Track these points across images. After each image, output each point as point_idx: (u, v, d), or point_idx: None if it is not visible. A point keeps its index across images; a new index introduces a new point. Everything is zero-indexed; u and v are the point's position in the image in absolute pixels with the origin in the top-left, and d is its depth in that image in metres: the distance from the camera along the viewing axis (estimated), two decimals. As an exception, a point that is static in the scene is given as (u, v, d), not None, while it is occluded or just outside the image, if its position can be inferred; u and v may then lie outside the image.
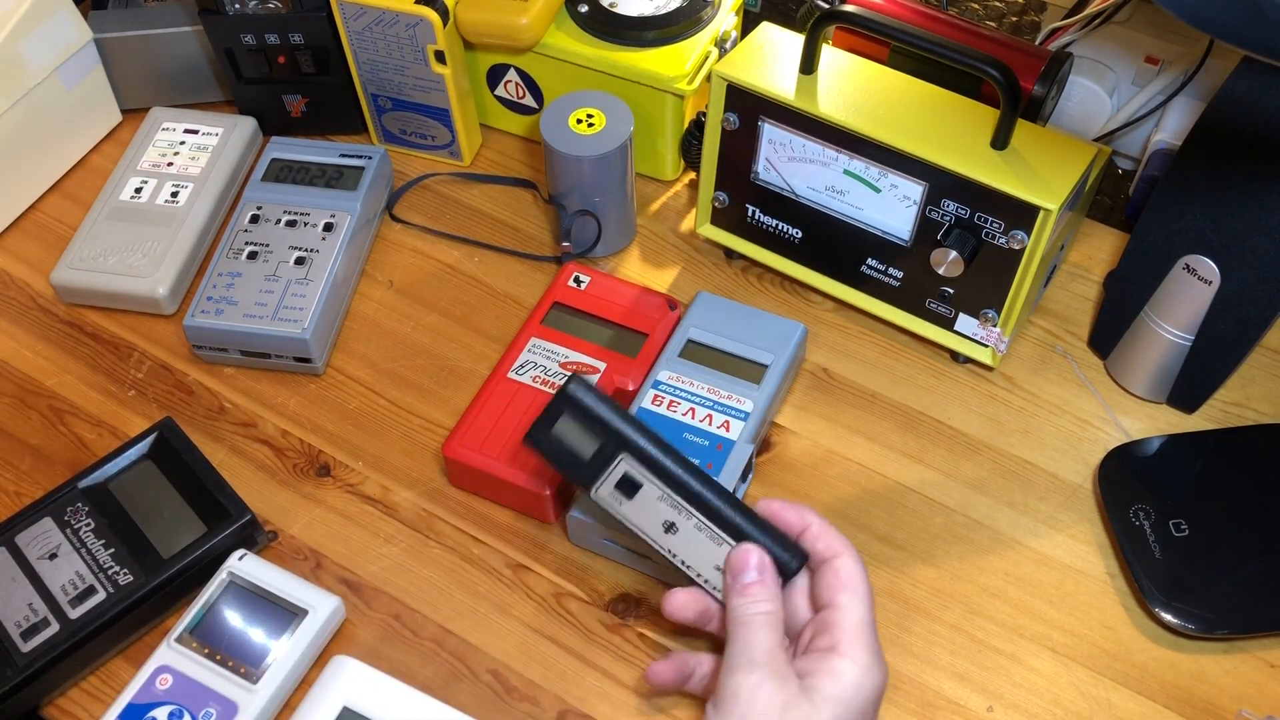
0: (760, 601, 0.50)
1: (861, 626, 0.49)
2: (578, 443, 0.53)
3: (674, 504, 0.52)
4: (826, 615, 0.49)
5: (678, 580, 0.60)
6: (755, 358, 0.66)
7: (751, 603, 0.50)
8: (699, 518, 0.52)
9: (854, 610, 0.49)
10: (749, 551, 0.51)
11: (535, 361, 0.66)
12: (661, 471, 0.52)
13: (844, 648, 0.48)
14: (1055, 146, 0.62)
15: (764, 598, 0.50)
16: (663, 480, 0.52)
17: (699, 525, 0.52)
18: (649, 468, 0.52)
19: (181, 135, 0.79)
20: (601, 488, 0.53)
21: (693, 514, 0.52)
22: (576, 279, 0.70)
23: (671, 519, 0.52)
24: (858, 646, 0.48)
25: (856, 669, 0.47)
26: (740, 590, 0.50)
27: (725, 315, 0.68)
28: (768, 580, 0.50)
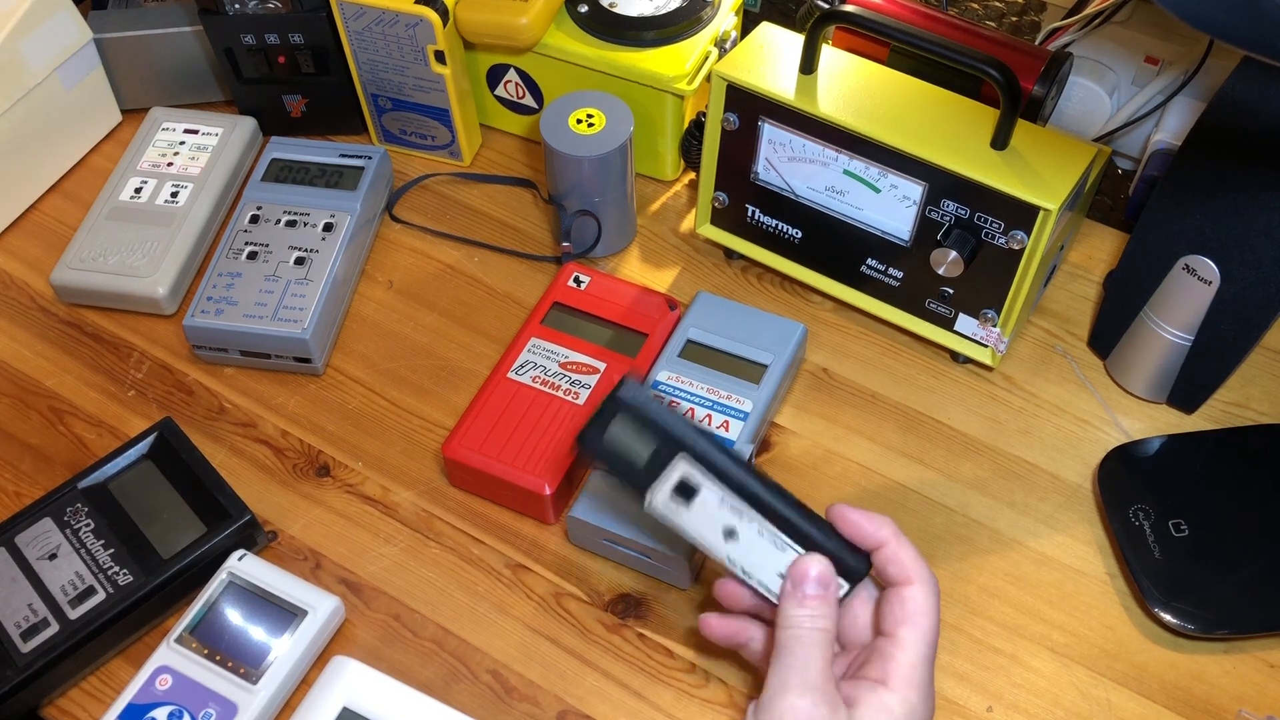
0: (820, 618, 0.48)
1: (918, 664, 0.47)
2: (632, 446, 0.49)
3: (735, 508, 0.49)
4: (884, 645, 0.48)
5: (678, 582, 0.61)
6: (755, 358, 0.66)
7: (811, 616, 0.48)
8: (761, 521, 0.49)
9: (913, 647, 0.47)
10: (814, 561, 0.49)
11: (535, 362, 0.66)
12: (722, 473, 0.49)
13: (894, 683, 0.46)
14: (1055, 146, 0.62)
15: (824, 614, 0.48)
16: (724, 483, 0.49)
17: (760, 530, 0.49)
18: (709, 470, 0.49)
19: (181, 135, 0.79)
20: (657, 494, 0.50)
21: (755, 517, 0.49)
22: (576, 279, 0.70)
23: (732, 524, 0.50)
24: (909, 685, 0.47)
25: (904, 708, 0.46)
26: (800, 600, 0.48)
27: (725, 315, 0.68)
28: (829, 596, 0.48)
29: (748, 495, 0.49)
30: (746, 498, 0.49)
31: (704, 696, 0.58)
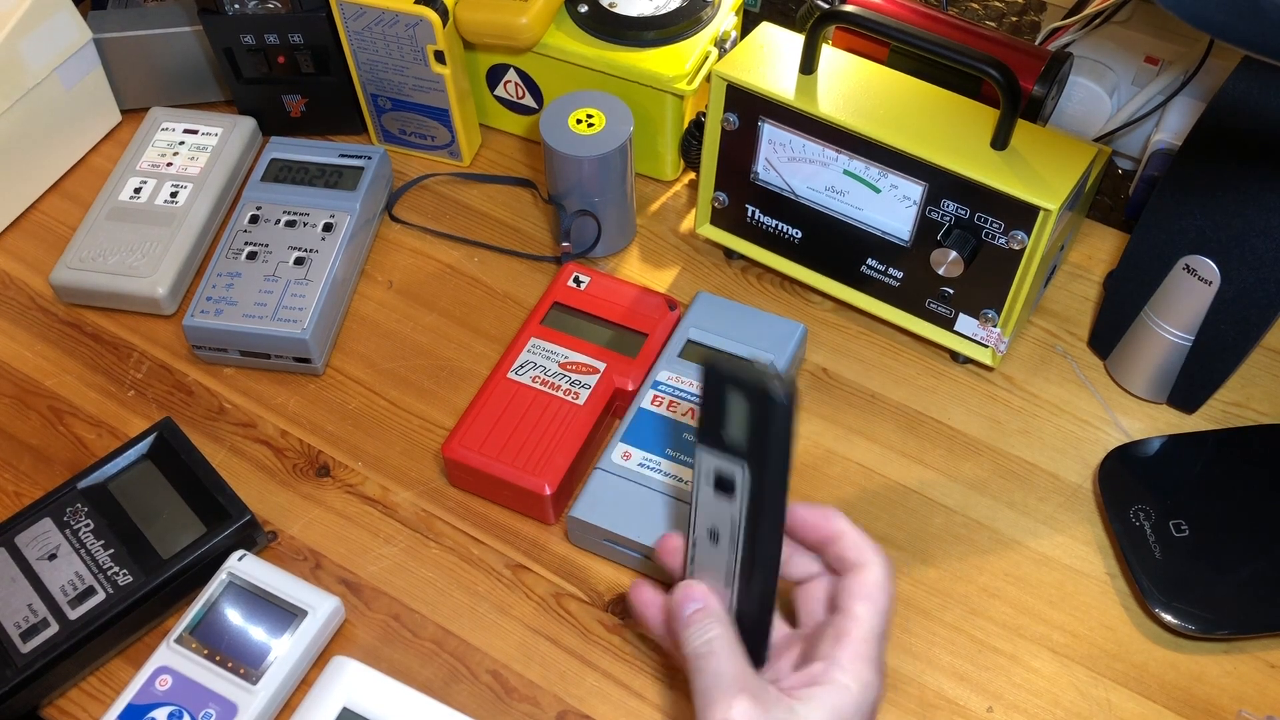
0: (708, 628, 0.48)
1: (870, 639, 0.48)
2: (733, 416, 0.47)
3: (733, 530, 0.49)
4: (839, 622, 0.48)
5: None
6: (755, 358, 0.66)
7: (699, 631, 0.48)
8: (737, 553, 0.49)
9: (867, 622, 0.48)
10: (691, 586, 0.50)
11: (535, 362, 0.66)
12: (755, 511, 0.48)
13: (847, 661, 0.47)
14: (1055, 146, 0.62)
15: (710, 622, 0.48)
16: (751, 517, 0.48)
17: (730, 558, 0.49)
18: (753, 500, 0.48)
19: (181, 135, 0.79)
20: (705, 460, 0.49)
21: (738, 548, 0.49)
22: (576, 279, 0.70)
23: (720, 532, 0.50)
24: (862, 661, 0.47)
25: (856, 684, 0.46)
26: (685, 622, 0.49)
27: (725, 315, 0.68)
28: (711, 606, 0.49)
29: (750, 539, 0.49)
30: (747, 539, 0.49)
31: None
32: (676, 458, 0.62)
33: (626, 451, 0.62)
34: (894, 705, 0.57)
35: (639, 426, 0.63)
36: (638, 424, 0.63)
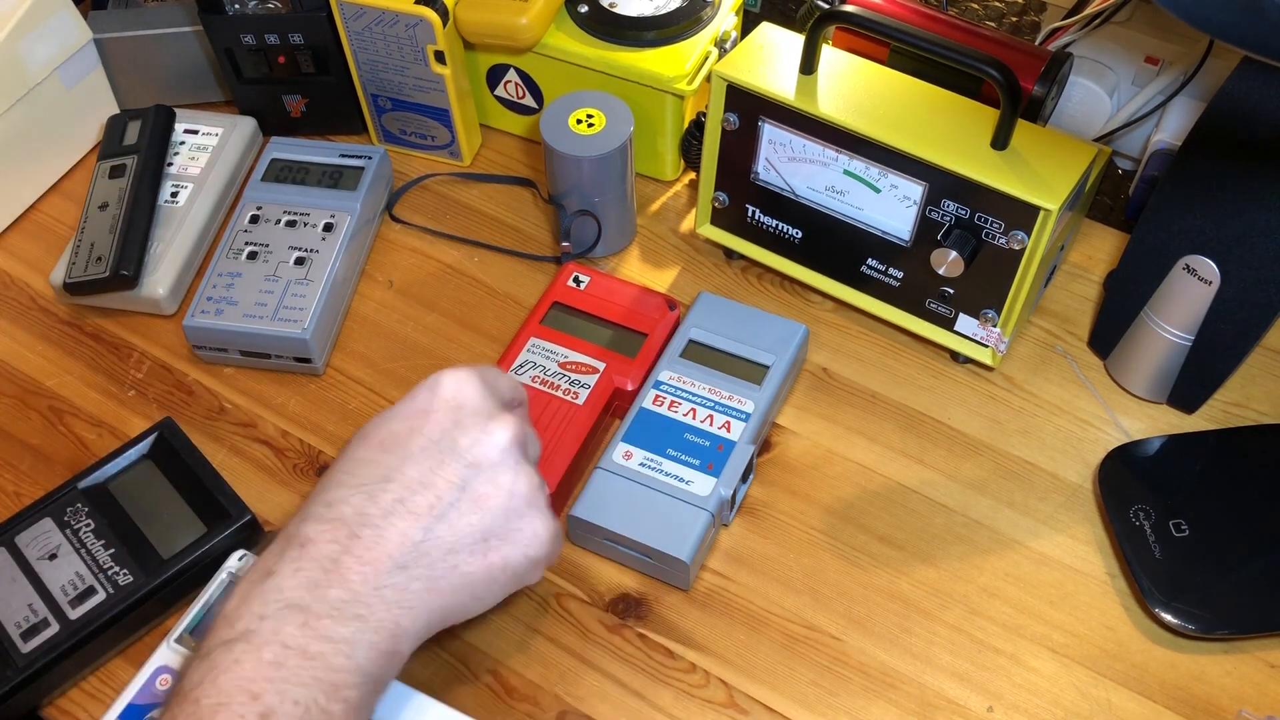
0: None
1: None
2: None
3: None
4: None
5: (678, 582, 0.61)
6: (756, 358, 0.66)
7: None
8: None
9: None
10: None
11: (534, 361, 0.66)
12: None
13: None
14: (1055, 146, 0.62)
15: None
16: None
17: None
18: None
19: (181, 135, 0.79)
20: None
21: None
22: (576, 279, 0.70)
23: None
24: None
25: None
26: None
27: (726, 316, 0.68)
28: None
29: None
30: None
31: (704, 697, 0.58)
32: (678, 458, 0.62)
33: (628, 451, 0.62)
34: (894, 705, 0.57)
35: (640, 426, 0.63)
36: (639, 424, 0.63)
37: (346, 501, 0.47)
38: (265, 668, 0.43)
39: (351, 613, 0.45)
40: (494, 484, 0.49)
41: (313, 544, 0.46)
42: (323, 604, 0.45)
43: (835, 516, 0.64)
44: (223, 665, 0.43)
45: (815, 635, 0.60)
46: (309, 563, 0.45)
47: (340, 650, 0.44)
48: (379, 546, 0.46)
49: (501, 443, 0.50)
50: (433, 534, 0.47)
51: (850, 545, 0.63)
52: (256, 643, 0.43)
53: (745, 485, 0.63)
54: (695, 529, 0.59)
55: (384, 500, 0.47)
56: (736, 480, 0.61)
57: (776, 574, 0.62)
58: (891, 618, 0.60)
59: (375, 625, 0.45)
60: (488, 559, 0.48)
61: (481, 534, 0.48)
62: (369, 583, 0.45)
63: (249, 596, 0.45)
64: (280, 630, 0.44)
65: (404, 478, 0.48)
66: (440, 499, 0.48)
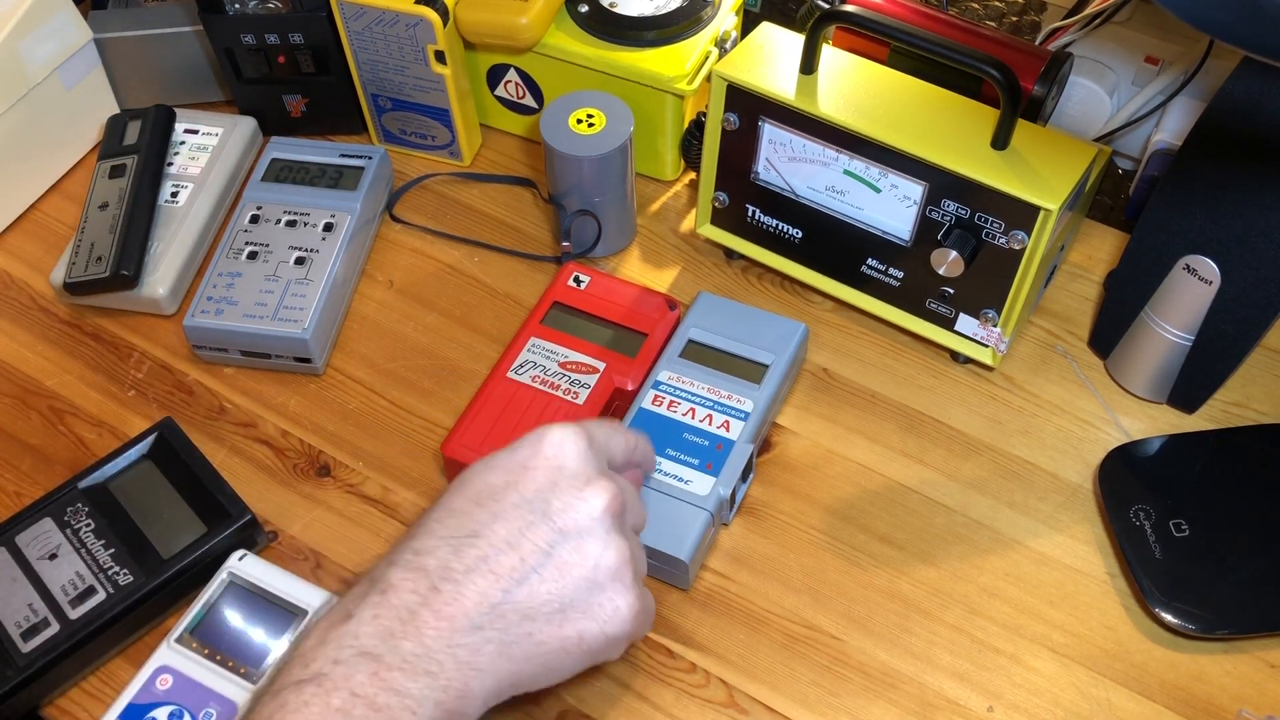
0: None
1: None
2: None
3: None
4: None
5: (678, 582, 0.61)
6: (756, 358, 0.66)
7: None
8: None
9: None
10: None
11: (535, 361, 0.66)
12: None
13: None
14: (1055, 146, 0.62)
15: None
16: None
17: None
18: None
19: (181, 135, 0.79)
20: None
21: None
22: (576, 279, 0.70)
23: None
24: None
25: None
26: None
27: (726, 315, 0.68)
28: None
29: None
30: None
31: (704, 696, 0.58)
32: (677, 458, 0.62)
33: None
34: (894, 705, 0.57)
35: (640, 426, 0.63)
36: (639, 423, 0.63)
37: (433, 553, 0.47)
38: (332, 714, 0.42)
39: (422, 668, 0.44)
40: (580, 552, 0.48)
41: (394, 591, 0.46)
42: (395, 655, 0.44)
43: (835, 516, 0.64)
44: (291, 706, 0.43)
45: (815, 635, 0.60)
46: (387, 610, 0.45)
47: (407, 706, 0.43)
48: (457, 603, 0.45)
49: (595, 510, 0.49)
50: (511, 597, 0.46)
51: (850, 545, 0.63)
52: (327, 686, 0.43)
53: (745, 485, 0.63)
54: (695, 529, 0.59)
55: (469, 556, 0.46)
56: (736, 480, 0.61)
57: (776, 574, 0.62)
58: (891, 618, 0.60)
59: (444, 684, 0.44)
60: (563, 630, 0.47)
61: (560, 604, 0.47)
62: (443, 639, 0.45)
63: (326, 639, 0.45)
64: (352, 678, 0.43)
65: (492, 535, 0.47)
66: (524, 562, 0.47)
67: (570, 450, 0.50)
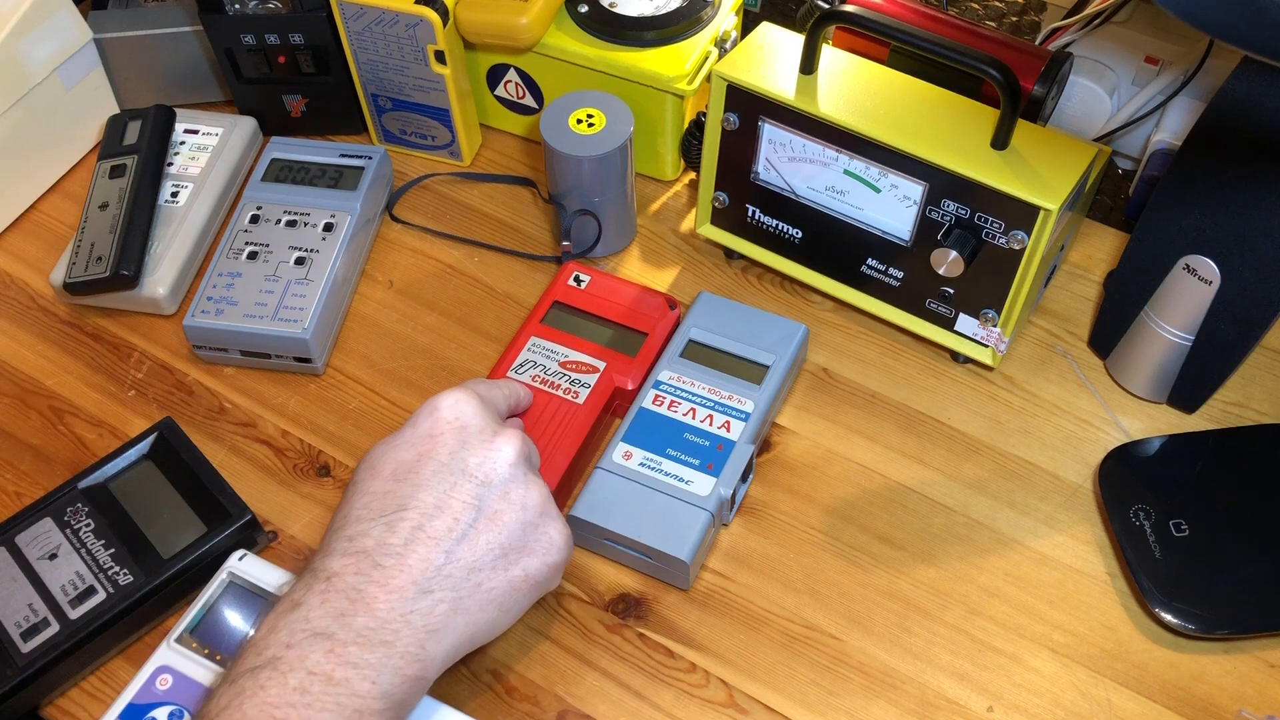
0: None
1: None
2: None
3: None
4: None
5: (678, 582, 0.61)
6: (757, 358, 0.66)
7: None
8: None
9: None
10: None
11: (535, 361, 0.66)
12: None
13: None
14: (1055, 146, 0.62)
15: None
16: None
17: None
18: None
19: (181, 135, 0.79)
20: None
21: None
22: (577, 278, 0.70)
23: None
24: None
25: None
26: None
27: (727, 315, 0.68)
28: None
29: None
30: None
31: (704, 696, 0.58)
32: (678, 458, 0.62)
33: (627, 451, 0.62)
34: (894, 705, 0.57)
35: (640, 426, 0.63)
36: (639, 423, 0.63)
37: (367, 534, 0.48)
38: (290, 693, 0.43)
39: (378, 639, 0.45)
40: (507, 500, 0.50)
41: (337, 576, 0.47)
42: (349, 631, 0.45)
43: (835, 516, 0.64)
44: (248, 691, 0.43)
45: (815, 635, 0.60)
46: (334, 594, 0.46)
47: (365, 675, 0.45)
48: (402, 574, 0.47)
49: (509, 458, 0.52)
50: (454, 556, 0.48)
51: (850, 545, 0.63)
52: (282, 669, 0.44)
53: (745, 485, 0.63)
54: (695, 529, 0.59)
55: (402, 529, 0.48)
56: (736, 480, 0.61)
57: (776, 574, 0.62)
58: (891, 618, 0.60)
59: (401, 650, 0.46)
60: (509, 573, 0.50)
61: (501, 550, 0.49)
62: (394, 610, 0.46)
63: (276, 626, 0.46)
64: (306, 657, 0.44)
65: (419, 504, 0.49)
66: (458, 521, 0.49)
67: (467, 410, 0.53)
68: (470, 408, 0.53)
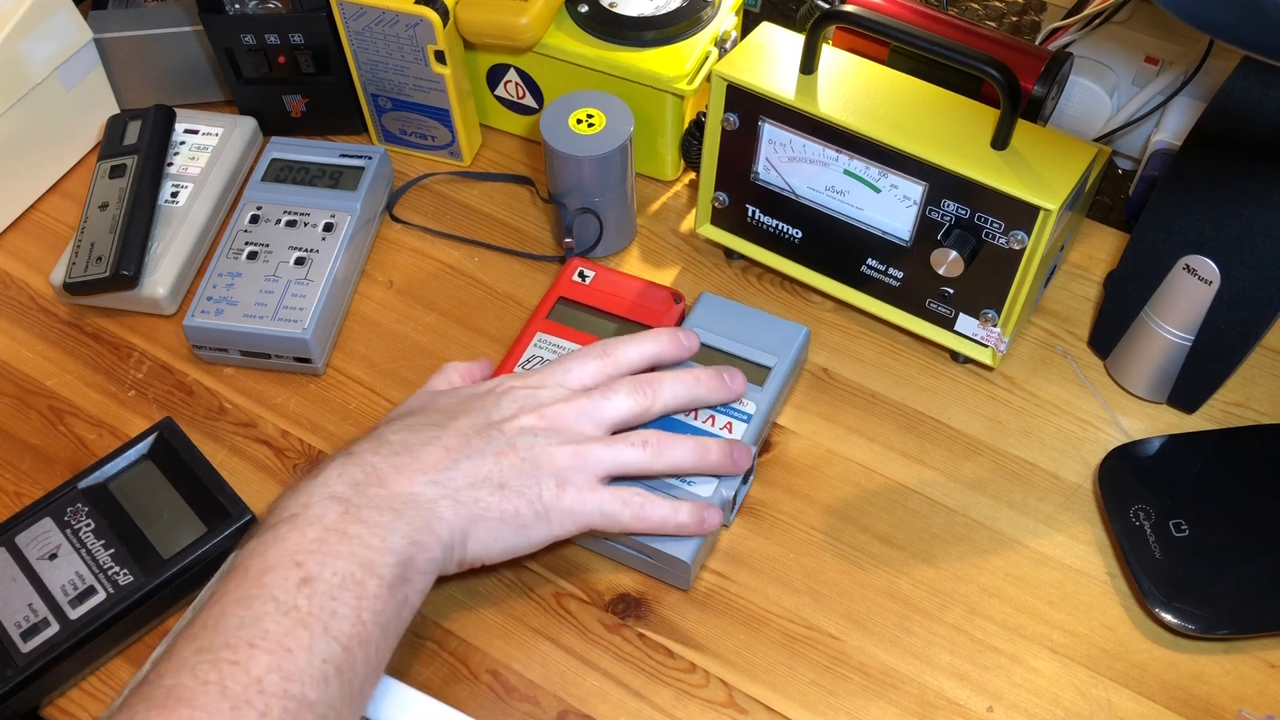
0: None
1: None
2: None
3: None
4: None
5: (678, 582, 0.61)
6: (758, 360, 0.66)
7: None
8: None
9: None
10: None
11: (541, 356, 0.66)
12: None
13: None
14: (1055, 146, 0.62)
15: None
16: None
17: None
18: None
19: (181, 135, 0.79)
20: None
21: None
22: (581, 274, 0.70)
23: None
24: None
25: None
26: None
27: (728, 316, 0.68)
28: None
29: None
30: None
31: (704, 696, 0.58)
32: None
33: None
34: (894, 705, 0.57)
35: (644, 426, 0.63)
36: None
37: (395, 432, 0.55)
38: (308, 543, 0.49)
39: (388, 506, 0.52)
40: (512, 446, 0.56)
41: (359, 455, 0.54)
42: (362, 497, 0.52)
43: (835, 516, 0.64)
44: (269, 540, 0.49)
45: (815, 635, 0.60)
46: (353, 467, 0.53)
47: (375, 533, 0.50)
48: (415, 464, 0.54)
49: (526, 421, 0.57)
50: (459, 467, 0.54)
51: (850, 545, 0.63)
52: (301, 524, 0.50)
53: (746, 486, 0.63)
54: None
55: (424, 435, 0.55)
56: (738, 481, 0.61)
57: (776, 574, 0.62)
58: (891, 618, 0.60)
59: (408, 520, 0.52)
60: (503, 504, 0.54)
61: (498, 481, 0.55)
62: (404, 488, 0.53)
63: (298, 489, 0.52)
64: (324, 516, 0.50)
65: (443, 427, 0.56)
66: (469, 444, 0.55)
67: (517, 380, 0.60)
68: (517, 380, 0.60)
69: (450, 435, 0.55)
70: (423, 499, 0.53)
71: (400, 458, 0.54)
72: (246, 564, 0.49)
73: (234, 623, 0.46)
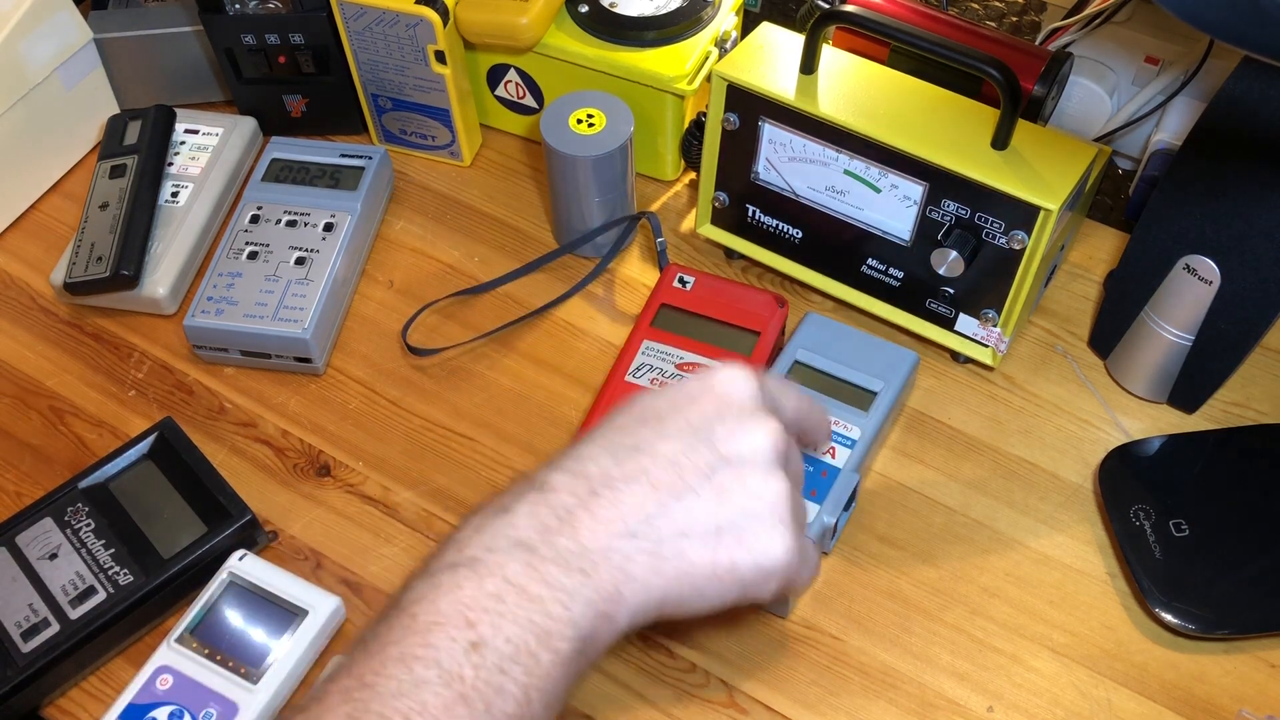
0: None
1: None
2: None
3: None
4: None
5: (775, 611, 0.60)
6: (865, 384, 0.64)
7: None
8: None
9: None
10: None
11: (650, 364, 0.66)
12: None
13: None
14: (1055, 146, 0.62)
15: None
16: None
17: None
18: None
19: (181, 135, 0.79)
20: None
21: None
22: (681, 280, 0.69)
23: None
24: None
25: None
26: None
27: (835, 338, 0.66)
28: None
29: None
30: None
31: (704, 696, 0.58)
32: None
33: None
34: (894, 705, 0.57)
35: None
36: None
37: (595, 459, 0.47)
38: (485, 598, 0.43)
39: (577, 565, 0.44)
40: (740, 480, 0.47)
41: (553, 492, 0.46)
42: (551, 549, 0.45)
43: (835, 516, 0.64)
44: (445, 586, 0.43)
45: (815, 635, 0.60)
46: (544, 508, 0.46)
47: (559, 599, 0.44)
48: (614, 509, 0.46)
49: (758, 443, 0.48)
50: (667, 510, 0.46)
51: (850, 545, 0.63)
52: (481, 571, 0.44)
53: (847, 514, 0.62)
54: None
55: (629, 466, 0.47)
56: (839, 509, 0.59)
57: (777, 574, 0.62)
58: (891, 617, 0.60)
59: (597, 584, 0.44)
60: (716, 555, 0.47)
61: (715, 526, 0.47)
62: (598, 541, 0.45)
63: (482, 528, 0.45)
64: (506, 565, 0.44)
65: (654, 451, 0.47)
66: (683, 479, 0.47)
67: (741, 386, 0.50)
68: (746, 386, 0.50)
69: (661, 467, 0.47)
70: (615, 556, 0.45)
71: (597, 499, 0.46)
72: (414, 609, 0.43)
73: (392, 687, 0.41)
